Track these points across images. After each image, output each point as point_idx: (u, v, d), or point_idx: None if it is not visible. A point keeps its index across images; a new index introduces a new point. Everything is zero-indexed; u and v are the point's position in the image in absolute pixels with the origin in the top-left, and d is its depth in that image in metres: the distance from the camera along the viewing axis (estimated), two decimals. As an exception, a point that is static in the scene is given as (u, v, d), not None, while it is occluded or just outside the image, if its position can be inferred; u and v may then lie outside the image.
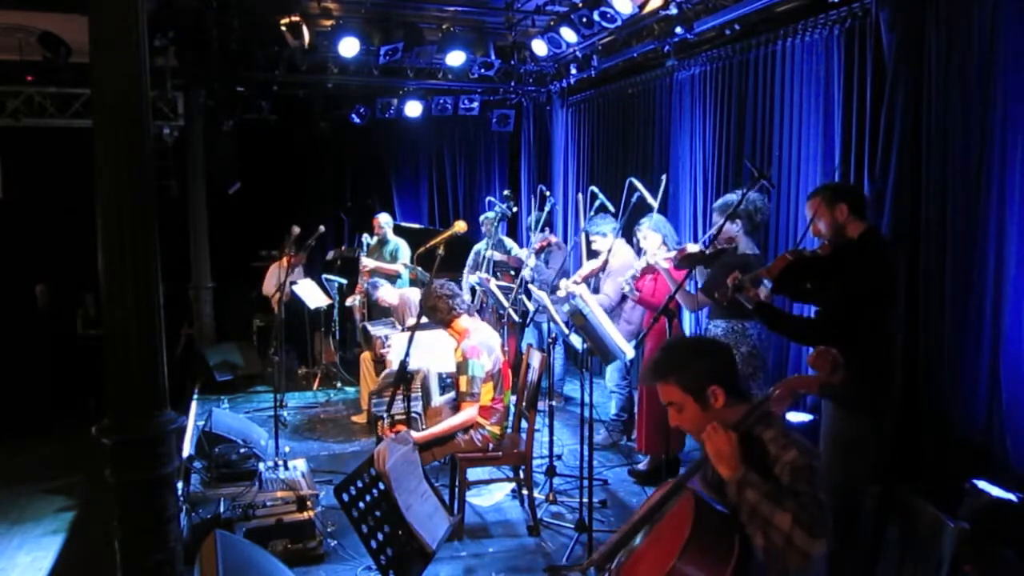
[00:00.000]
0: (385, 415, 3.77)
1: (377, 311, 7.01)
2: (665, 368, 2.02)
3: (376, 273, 6.95)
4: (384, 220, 7.30)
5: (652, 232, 4.62)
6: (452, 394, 4.20)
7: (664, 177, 5.08)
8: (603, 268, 5.11)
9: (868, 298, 2.84)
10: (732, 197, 4.08)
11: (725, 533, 1.79)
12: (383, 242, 7.24)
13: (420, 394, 5.05)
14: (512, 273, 6.78)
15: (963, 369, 3.84)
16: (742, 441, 1.87)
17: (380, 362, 5.86)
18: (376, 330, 6.10)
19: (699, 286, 4.20)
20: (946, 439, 3.86)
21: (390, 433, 3.49)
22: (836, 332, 2.80)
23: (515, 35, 7.28)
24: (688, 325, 5.93)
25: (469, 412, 3.82)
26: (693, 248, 4.23)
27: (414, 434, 3.53)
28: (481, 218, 6.98)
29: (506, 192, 7.22)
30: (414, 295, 6.32)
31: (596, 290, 5.17)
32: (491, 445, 3.93)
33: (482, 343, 3.89)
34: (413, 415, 4.10)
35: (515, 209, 6.88)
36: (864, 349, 2.78)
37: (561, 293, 4.91)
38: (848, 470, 2.85)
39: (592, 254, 5.33)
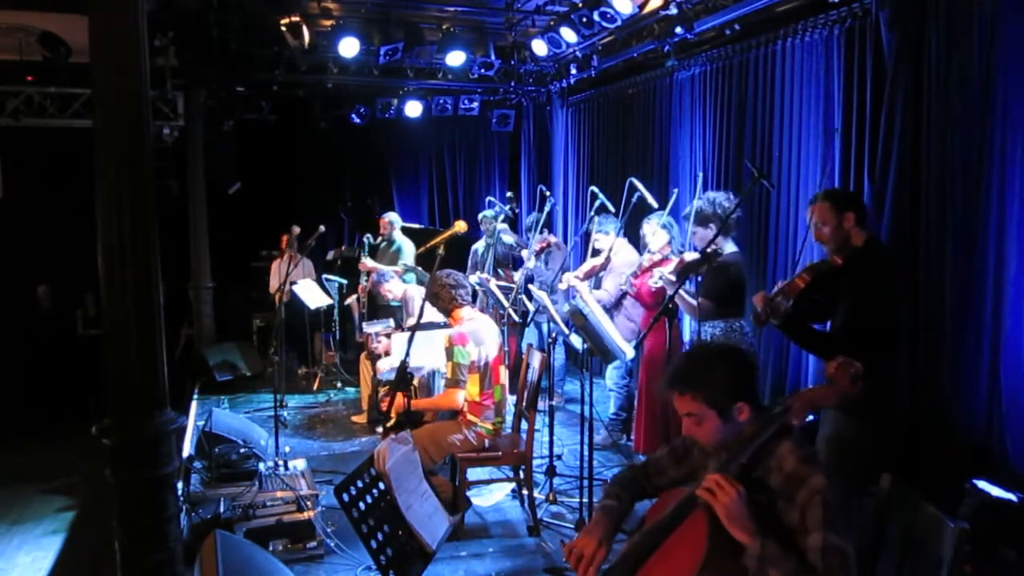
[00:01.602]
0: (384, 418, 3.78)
1: (382, 311, 7.01)
2: (691, 382, 1.92)
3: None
4: (390, 219, 7.32)
5: (660, 230, 4.59)
6: None
7: (700, 174, 5.06)
8: (604, 266, 5.11)
9: (880, 307, 2.85)
10: (699, 203, 4.09)
11: (739, 554, 1.75)
12: (389, 242, 7.26)
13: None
14: (513, 272, 6.78)
15: (963, 369, 3.84)
16: (751, 460, 1.82)
17: (370, 358, 5.87)
18: (370, 327, 6.09)
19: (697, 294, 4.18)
20: (946, 439, 3.86)
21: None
22: (856, 344, 2.80)
23: (515, 35, 7.29)
24: (688, 325, 5.92)
25: (453, 396, 3.85)
26: (691, 257, 4.23)
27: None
28: (480, 216, 6.98)
29: (509, 194, 7.23)
30: (417, 293, 6.31)
31: (598, 287, 5.17)
32: (487, 442, 3.93)
33: (471, 332, 3.90)
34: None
35: (517, 211, 6.88)
36: (869, 355, 2.78)
37: (563, 286, 4.90)
38: (846, 473, 2.85)
39: (595, 253, 5.33)
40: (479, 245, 6.87)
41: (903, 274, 3.02)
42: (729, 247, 4.09)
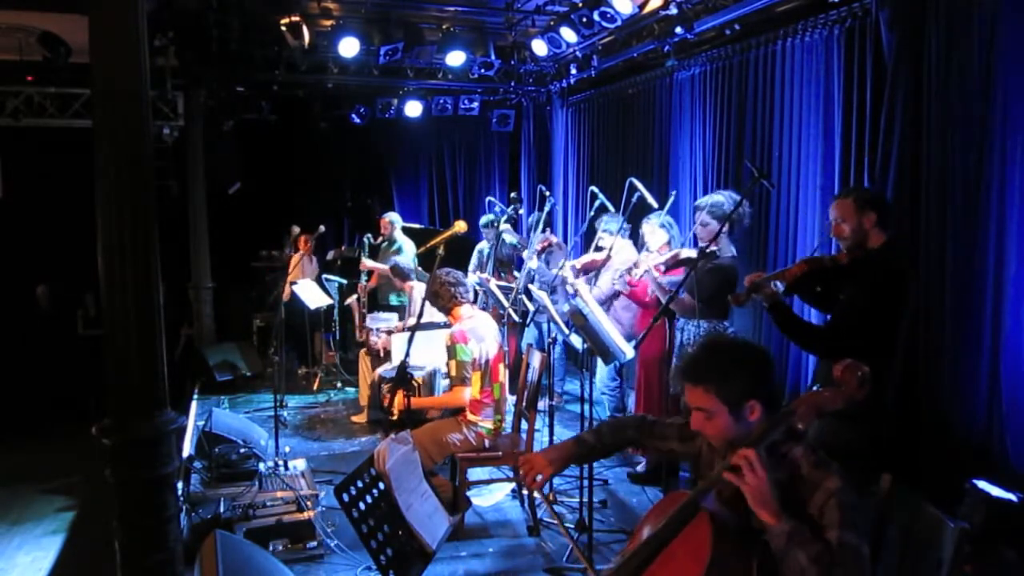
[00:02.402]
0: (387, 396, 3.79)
1: (382, 311, 7.01)
2: (705, 374, 1.87)
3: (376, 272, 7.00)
4: (391, 219, 7.32)
5: (659, 229, 4.57)
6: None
7: (674, 193, 5.03)
8: (604, 263, 5.09)
9: (879, 312, 2.85)
10: (718, 198, 4.08)
11: (743, 559, 1.75)
12: (390, 242, 7.26)
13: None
14: (516, 273, 6.78)
15: (963, 369, 3.84)
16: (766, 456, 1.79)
17: (369, 354, 5.88)
18: (374, 322, 6.09)
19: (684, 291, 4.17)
20: (946, 439, 3.86)
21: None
22: (844, 344, 2.80)
23: (515, 35, 7.29)
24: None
25: (459, 394, 3.85)
26: (687, 253, 4.23)
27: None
28: (481, 223, 6.96)
29: (513, 195, 7.23)
30: (419, 293, 6.30)
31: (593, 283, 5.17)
32: (487, 442, 3.94)
33: (471, 330, 3.91)
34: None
35: (521, 211, 6.87)
36: (866, 358, 2.78)
37: (562, 272, 4.86)
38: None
39: (598, 250, 5.33)
40: (483, 245, 6.88)
41: (904, 274, 3.01)
42: (731, 249, 4.09)
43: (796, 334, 3.09)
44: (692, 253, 4.26)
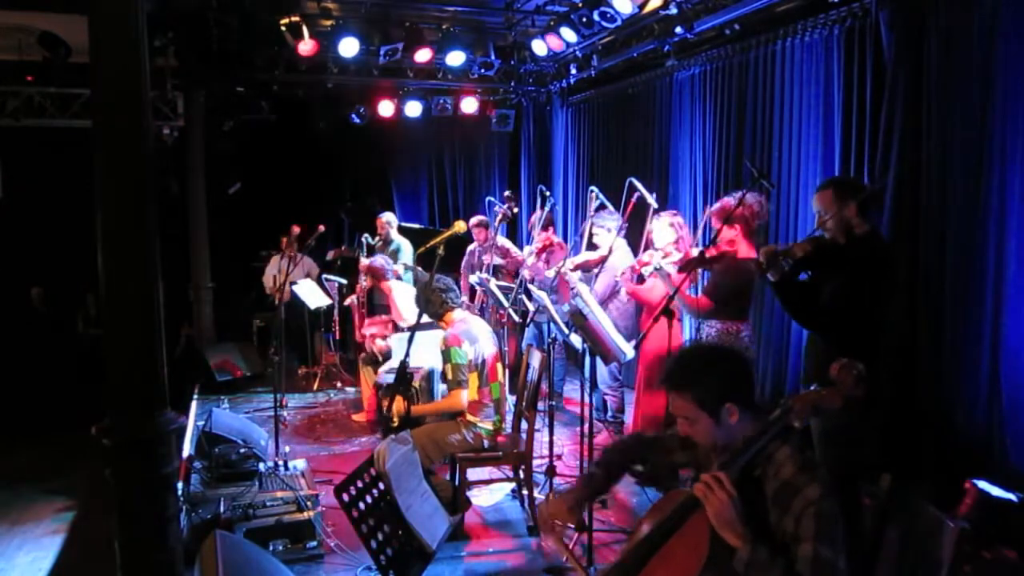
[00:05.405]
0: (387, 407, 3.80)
1: (379, 310, 7.01)
2: (680, 380, 1.93)
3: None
4: (387, 219, 7.32)
5: (668, 229, 4.50)
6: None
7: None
8: (600, 263, 5.09)
9: (869, 295, 2.88)
10: (730, 201, 4.07)
11: None
12: (387, 242, 7.25)
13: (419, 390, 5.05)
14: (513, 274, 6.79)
15: (963, 369, 3.84)
16: (750, 461, 1.80)
17: (368, 362, 5.89)
18: (367, 328, 6.08)
19: (699, 291, 4.18)
20: (946, 439, 3.87)
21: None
22: (837, 322, 2.90)
23: (515, 35, 7.29)
24: (688, 325, 5.92)
25: (457, 398, 3.87)
26: (694, 252, 4.23)
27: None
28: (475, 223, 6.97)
29: (507, 193, 7.23)
30: (397, 290, 6.23)
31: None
32: (485, 443, 3.94)
33: (464, 332, 3.93)
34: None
35: (515, 210, 6.88)
36: (855, 343, 2.80)
37: (567, 268, 4.85)
38: (842, 466, 2.86)
39: (592, 247, 5.31)
40: (475, 246, 6.90)
41: (894, 265, 3.07)
42: (748, 251, 4.08)
43: (797, 308, 3.13)
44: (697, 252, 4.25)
